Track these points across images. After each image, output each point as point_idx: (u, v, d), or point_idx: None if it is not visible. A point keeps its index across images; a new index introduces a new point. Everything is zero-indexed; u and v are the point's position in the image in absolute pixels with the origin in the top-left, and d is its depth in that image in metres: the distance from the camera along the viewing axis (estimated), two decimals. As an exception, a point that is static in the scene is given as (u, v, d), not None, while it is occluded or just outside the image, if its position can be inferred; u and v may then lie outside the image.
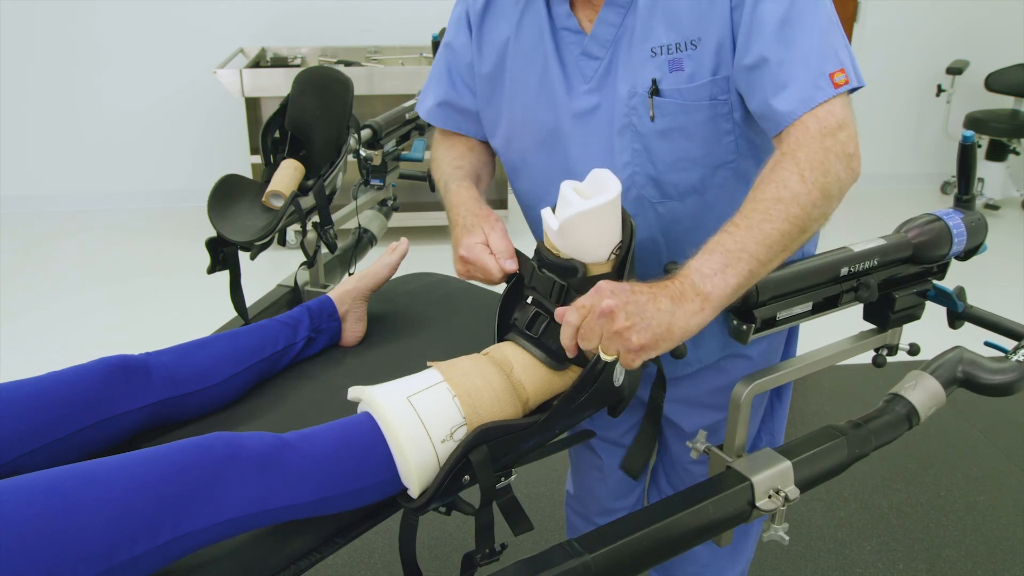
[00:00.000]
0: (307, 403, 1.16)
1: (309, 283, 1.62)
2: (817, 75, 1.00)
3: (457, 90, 1.28)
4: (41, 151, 4.52)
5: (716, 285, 0.91)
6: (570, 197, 0.96)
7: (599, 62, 1.12)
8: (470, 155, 1.29)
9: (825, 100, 0.99)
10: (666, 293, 0.90)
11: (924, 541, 2.22)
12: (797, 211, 0.95)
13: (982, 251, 1.28)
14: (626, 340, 0.88)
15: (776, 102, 1.01)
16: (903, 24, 4.85)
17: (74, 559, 0.77)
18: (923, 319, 1.28)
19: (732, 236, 0.93)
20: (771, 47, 1.01)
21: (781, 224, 0.94)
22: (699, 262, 0.92)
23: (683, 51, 1.06)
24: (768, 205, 0.94)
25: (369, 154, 1.84)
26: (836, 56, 1.01)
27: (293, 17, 4.43)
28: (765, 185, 0.97)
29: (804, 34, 1.00)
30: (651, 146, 1.11)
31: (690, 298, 0.90)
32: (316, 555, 0.96)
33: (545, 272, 1.00)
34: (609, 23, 1.10)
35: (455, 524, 2.24)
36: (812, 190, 0.95)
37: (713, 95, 1.07)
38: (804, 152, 0.97)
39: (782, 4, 1.01)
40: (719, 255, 0.92)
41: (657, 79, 1.08)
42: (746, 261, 0.92)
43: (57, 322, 3.35)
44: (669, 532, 0.96)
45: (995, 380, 1.18)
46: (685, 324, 0.89)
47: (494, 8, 1.20)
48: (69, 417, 0.99)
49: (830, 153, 0.97)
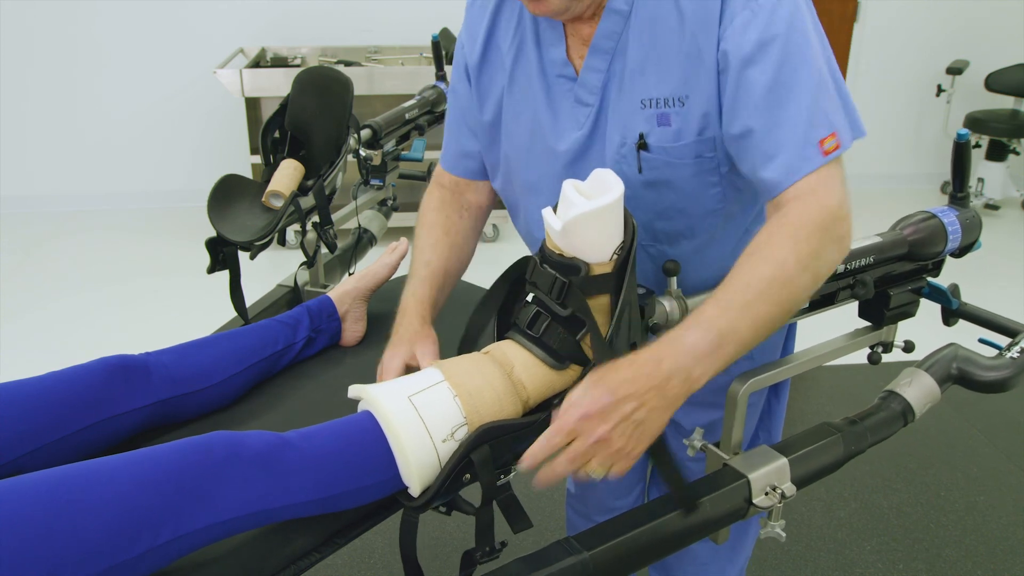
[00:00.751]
0: (307, 403, 1.16)
1: (309, 283, 1.63)
2: (804, 144, 0.97)
3: (464, 137, 1.27)
4: (41, 151, 4.52)
5: (707, 369, 0.89)
6: (572, 197, 0.96)
7: (590, 108, 1.11)
8: (444, 241, 1.25)
9: (813, 170, 0.97)
10: (652, 384, 0.87)
11: (924, 541, 2.22)
12: (788, 295, 0.93)
13: (976, 248, 1.29)
14: (624, 457, 0.87)
15: (764, 172, 1.00)
16: (903, 24, 4.85)
17: (75, 558, 0.77)
18: (918, 316, 1.28)
19: (726, 315, 0.91)
20: (757, 116, 0.98)
21: (772, 308, 0.92)
22: (694, 339, 0.89)
23: (671, 107, 1.05)
24: (764, 285, 0.92)
25: (369, 154, 1.85)
26: (827, 120, 0.98)
27: (293, 17, 4.44)
28: (762, 262, 0.93)
29: (792, 101, 0.97)
30: (639, 195, 1.11)
31: (678, 382, 0.88)
32: (316, 555, 0.96)
33: (547, 268, 1.00)
34: (595, 69, 1.09)
35: (455, 524, 2.24)
36: (805, 275, 0.94)
37: (699, 153, 1.06)
38: (804, 233, 0.94)
39: (769, 69, 0.97)
40: (714, 334, 0.90)
41: (645, 133, 1.07)
42: (735, 344, 0.91)
43: (57, 322, 3.35)
44: (667, 529, 0.96)
45: (989, 376, 1.19)
46: (673, 411, 0.89)
47: (489, 58, 1.19)
48: (69, 417, 0.99)
49: (827, 236, 0.96)
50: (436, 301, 1.21)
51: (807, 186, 0.97)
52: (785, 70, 0.97)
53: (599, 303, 0.99)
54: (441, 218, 1.27)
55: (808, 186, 0.97)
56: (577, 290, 0.98)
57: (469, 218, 1.30)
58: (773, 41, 0.97)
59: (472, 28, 1.20)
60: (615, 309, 0.98)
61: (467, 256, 1.30)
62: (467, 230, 1.30)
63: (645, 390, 0.87)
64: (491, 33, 1.18)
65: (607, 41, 1.07)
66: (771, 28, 0.97)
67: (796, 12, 0.99)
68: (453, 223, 1.28)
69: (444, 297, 1.24)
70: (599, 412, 0.86)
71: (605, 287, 0.99)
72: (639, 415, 0.87)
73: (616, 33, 1.07)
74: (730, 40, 0.99)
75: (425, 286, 1.20)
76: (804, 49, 0.98)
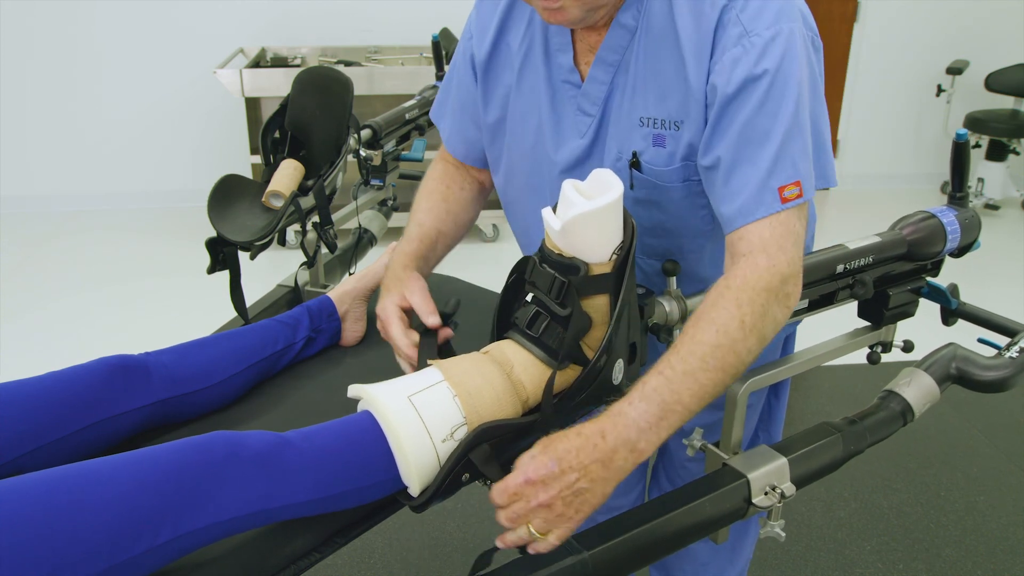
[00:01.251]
0: (307, 403, 1.16)
1: (309, 283, 1.63)
2: (762, 188, 0.97)
3: (464, 122, 1.28)
4: (41, 151, 4.52)
5: (650, 441, 0.90)
6: (572, 197, 0.96)
7: (591, 119, 1.12)
8: (441, 207, 1.27)
9: (767, 215, 0.97)
10: (596, 457, 0.88)
11: (924, 541, 2.22)
12: (733, 359, 0.93)
13: (975, 248, 1.29)
14: (567, 520, 0.88)
15: (722, 206, 1.00)
16: (903, 24, 4.85)
17: (75, 558, 0.77)
18: (917, 316, 1.29)
19: (670, 385, 0.91)
20: (727, 151, 0.99)
21: (716, 374, 0.92)
22: (637, 412, 0.90)
23: (667, 129, 1.05)
24: (707, 351, 0.92)
25: (369, 154, 1.85)
26: (792, 167, 0.97)
27: (293, 17, 4.44)
28: (705, 326, 0.94)
29: (761, 143, 0.97)
30: (630, 209, 1.11)
31: (622, 456, 0.89)
32: (316, 555, 0.96)
33: (546, 268, 1.00)
34: (599, 81, 1.10)
35: (455, 524, 2.25)
36: (750, 337, 0.94)
37: (686, 177, 1.07)
38: (747, 296, 0.94)
39: (748, 106, 0.97)
40: (656, 406, 0.90)
41: (639, 151, 1.07)
42: (679, 414, 0.91)
43: (57, 322, 3.35)
44: (666, 529, 0.97)
45: (988, 376, 1.19)
46: (616, 481, 0.90)
47: (499, 55, 1.19)
48: (69, 417, 0.99)
49: (772, 296, 0.95)
50: (425, 257, 1.21)
51: (759, 240, 0.97)
52: (763, 112, 0.97)
53: (598, 303, 0.99)
54: (441, 187, 1.29)
55: (759, 240, 0.97)
56: (576, 291, 0.98)
57: (471, 191, 1.32)
58: (757, 81, 0.97)
59: (484, 22, 1.20)
60: (614, 309, 0.99)
61: (464, 224, 1.31)
62: (467, 201, 1.32)
63: (589, 462, 0.88)
64: (501, 31, 1.18)
65: (612, 54, 1.08)
66: (758, 67, 0.97)
67: (788, 54, 0.97)
68: (453, 192, 1.30)
69: (436, 257, 1.25)
70: (542, 479, 0.87)
71: (604, 287, 0.99)
72: (581, 484, 0.88)
73: (621, 47, 1.07)
74: (719, 75, 0.99)
75: (413, 243, 1.21)
76: (786, 93, 0.97)
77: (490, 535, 2.20)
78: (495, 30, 1.18)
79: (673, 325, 1.14)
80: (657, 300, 1.10)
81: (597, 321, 1.00)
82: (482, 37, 1.20)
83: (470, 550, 2.14)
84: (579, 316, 0.98)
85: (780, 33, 0.97)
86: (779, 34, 0.97)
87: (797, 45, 0.98)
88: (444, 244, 1.26)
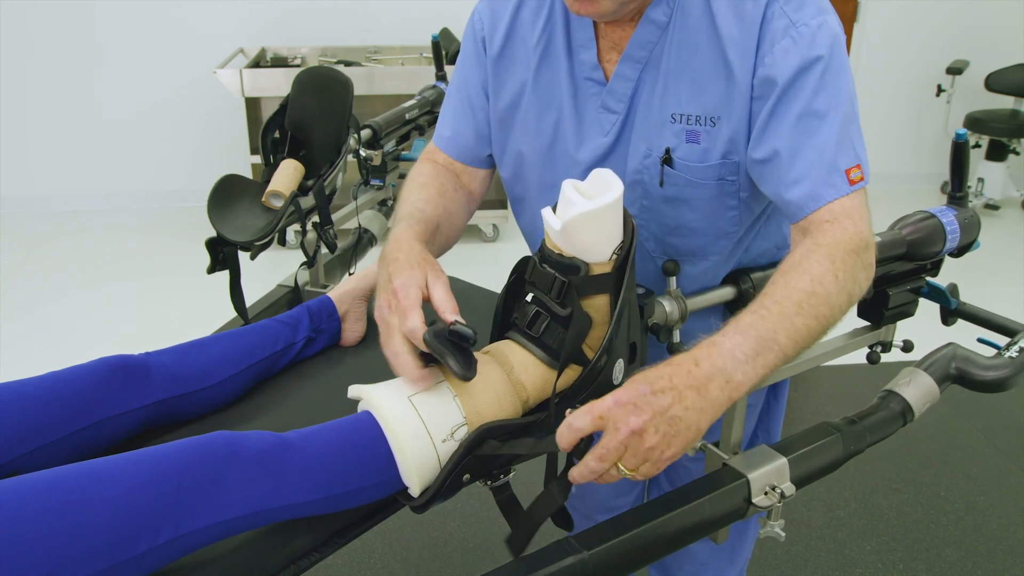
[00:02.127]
0: (307, 403, 1.16)
1: (309, 283, 1.63)
2: (831, 171, 0.97)
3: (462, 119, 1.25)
4: (41, 151, 4.52)
5: (747, 374, 0.85)
6: (572, 197, 0.96)
7: (616, 116, 1.11)
8: (439, 200, 1.17)
9: (838, 197, 0.97)
10: (690, 383, 0.82)
11: (924, 541, 2.22)
12: (826, 311, 0.91)
13: (975, 248, 1.29)
14: (658, 456, 0.81)
15: (788, 194, 1.00)
16: (903, 24, 4.86)
17: (75, 558, 0.77)
18: (917, 316, 1.29)
19: (766, 322, 0.88)
20: (786, 139, 0.99)
21: (810, 320, 0.90)
22: (733, 343, 0.86)
23: (702, 125, 1.05)
24: (802, 297, 0.90)
25: (369, 154, 1.85)
26: (853, 151, 0.98)
27: (293, 17, 4.44)
28: (799, 274, 0.92)
29: (824, 125, 0.97)
30: (656, 207, 1.11)
31: (718, 385, 0.83)
32: (316, 555, 0.96)
33: (546, 268, 1.01)
34: (626, 78, 1.09)
35: (455, 524, 2.25)
36: (842, 294, 0.93)
37: (721, 176, 1.07)
38: (840, 253, 0.94)
39: (804, 95, 0.98)
40: (753, 340, 0.86)
41: (672, 147, 1.07)
42: (775, 352, 0.87)
43: (57, 322, 3.35)
44: (666, 529, 0.96)
45: (988, 376, 1.19)
46: (712, 416, 0.83)
47: (512, 49, 1.17)
48: (69, 417, 0.99)
49: (859, 260, 0.95)
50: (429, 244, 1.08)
51: (841, 208, 0.97)
52: (821, 96, 0.98)
53: (599, 303, 0.99)
54: (436, 183, 1.21)
55: (842, 209, 0.97)
56: (576, 291, 0.98)
57: (463, 195, 1.25)
58: (812, 67, 0.98)
59: (496, 16, 1.18)
60: (615, 309, 0.99)
61: (458, 227, 1.21)
62: (461, 203, 1.24)
63: (684, 387, 0.82)
64: (513, 26, 1.17)
65: (641, 51, 1.07)
66: (811, 54, 0.98)
67: (836, 41, 0.99)
68: (448, 190, 1.21)
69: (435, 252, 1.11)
70: (633, 400, 0.80)
71: (604, 287, 0.99)
72: (676, 411, 0.81)
73: (651, 43, 1.06)
74: (771, 67, 0.99)
75: (419, 225, 1.08)
76: (840, 78, 0.99)
77: (490, 535, 2.20)
78: (506, 25, 1.17)
79: (673, 325, 1.14)
80: (657, 300, 1.10)
81: (597, 321, 1.00)
82: (494, 29, 1.18)
83: (470, 550, 2.14)
84: (579, 316, 0.98)
85: (826, 23, 0.99)
86: (825, 24, 0.99)
87: (841, 33, 1.00)
88: (439, 243, 1.16)
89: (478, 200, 1.30)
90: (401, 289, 0.94)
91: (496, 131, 1.23)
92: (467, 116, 1.25)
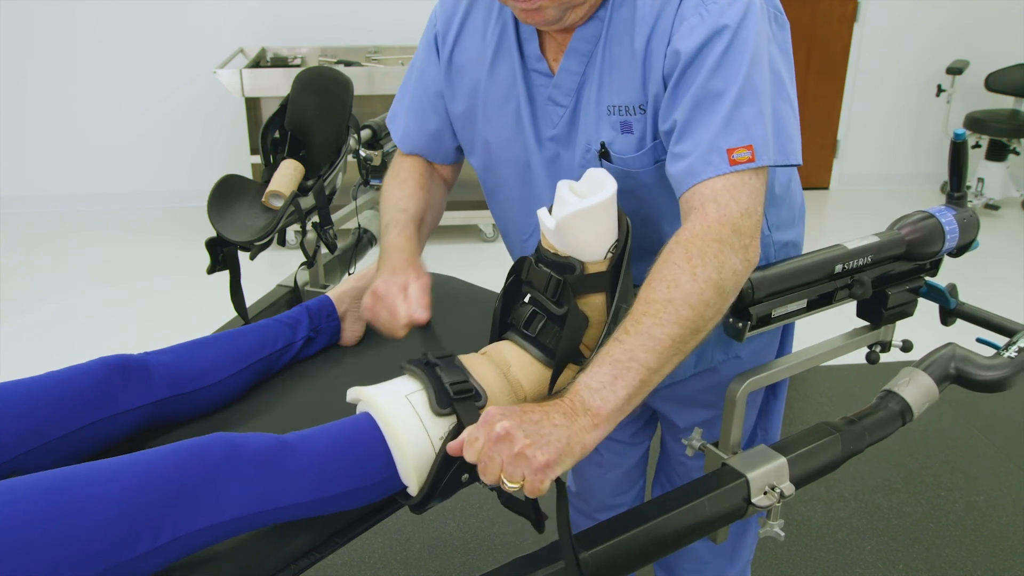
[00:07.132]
0: (307, 403, 1.16)
1: (309, 283, 1.63)
2: (710, 149, 0.96)
3: (425, 116, 1.26)
4: (41, 151, 4.53)
5: (605, 399, 0.87)
6: (566, 197, 0.97)
7: (564, 110, 1.11)
8: (420, 194, 1.25)
9: (715, 176, 0.96)
10: (557, 410, 0.86)
11: (924, 541, 2.22)
12: (688, 313, 0.90)
13: (974, 248, 1.29)
14: (530, 459, 0.82)
15: (672, 168, 1.00)
16: (903, 24, 4.85)
17: (75, 559, 0.77)
18: (916, 316, 1.29)
19: (621, 345, 0.89)
20: (682, 111, 0.98)
21: (671, 328, 0.89)
22: (588, 376, 0.88)
23: (632, 114, 1.05)
24: (658, 308, 0.90)
25: (369, 154, 1.85)
26: (745, 130, 0.96)
27: (293, 17, 4.44)
28: (656, 285, 0.92)
29: (718, 104, 0.97)
30: None
31: (580, 414, 0.86)
32: (316, 555, 0.96)
33: (542, 267, 1.01)
34: (571, 71, 1.09)
35: (455, 524, 2.25)
36: (705, 288, 0.91)
37: (658, 157, 1.06)
38: (697, 245, 0.92)
39: (703, 72, 0.97)
40: (608, 367, 0.88)
41: (608, 141, 1.07)
42: (636, 371, 0.88)
43: (57, 322, 3.35)
44: (665, 529, 0.97)
45: (987, 376, 1.19)
46: (582, 440, 0.85)
47: (465, 48, 1.18)
48: (69, 416, 0.99)
49: (725, 245, 0.93)
50: (420, 245, 1.19)
51: (709, 191, 0.96)
52: (717, 74, 0.97)
53: (595, 301, 1.00)
54: (415, 175, 1.27)
55: (710, 191, 0.96)
56: (572, 290, 0.98)
57: (439, 182, 1.31)
58: (715, 41, 0.97)
59: (448, 13, 1.20)
60: (611, 307, 0.99)
61: (439, 213, 1.29)
62: (438, 189, 1.30)
63: (552, 412, 0.86)
64: (465, 23, 1.18)
65: (585, 44, 1.08)
66: (717, 24, 0.97)
67: (747, 17, 0.98)
68: (426, 181, 1.27)
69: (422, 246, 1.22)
70: (502, 412, 0.85)
71: (600, 285, 0.99)
72: (544, 426, 0.84)
73: (595, 36, 1.07)
74: (677, 42, 0.99)
75: (408, 227, 1.19)
76: (741, 57, 0.97)
77: (491, 535, 2.21)
78: (460, 20, 1.18)
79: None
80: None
81: (594, 320, 1.00)
82: (447, 28, 1.20)
83: (470, 550, 2.14)
84: (575, 315, 0.98)
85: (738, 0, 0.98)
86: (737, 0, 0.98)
87: (756, 12, 0.99)
88: (424, 232, 1.24)
89: (452, 184, 1.35)
90: (383, 287, 1.10)
91: (460, 125, 1.24)
92: (416, 115, 1.27)
